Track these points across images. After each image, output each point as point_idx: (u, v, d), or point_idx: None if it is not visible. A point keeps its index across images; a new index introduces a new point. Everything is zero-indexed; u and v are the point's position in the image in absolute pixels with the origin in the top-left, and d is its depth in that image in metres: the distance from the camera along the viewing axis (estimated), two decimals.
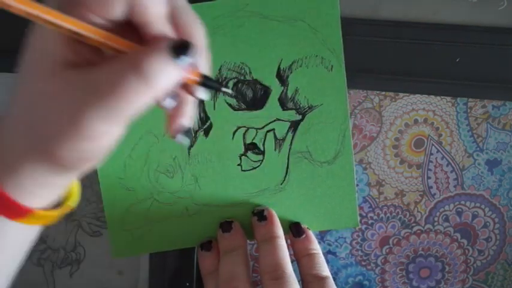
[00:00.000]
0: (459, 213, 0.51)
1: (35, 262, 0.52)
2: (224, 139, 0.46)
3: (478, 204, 0.50)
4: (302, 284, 0.45)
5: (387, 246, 0.51)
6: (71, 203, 0.35)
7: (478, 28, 0.46)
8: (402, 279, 0.52)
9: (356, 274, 0.52)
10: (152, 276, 0.51)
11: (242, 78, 0.45)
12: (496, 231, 0.51)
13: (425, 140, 0.49)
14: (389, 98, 0.49)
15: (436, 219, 0.51)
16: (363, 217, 0.50)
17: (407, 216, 0.51)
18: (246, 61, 0.45)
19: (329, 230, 0.51)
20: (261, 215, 0.46)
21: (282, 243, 0.45)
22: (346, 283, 0.52)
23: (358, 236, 0.51)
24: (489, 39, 0.46)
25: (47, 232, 0.52)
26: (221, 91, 0.36)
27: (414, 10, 0.47)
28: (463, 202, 0.50)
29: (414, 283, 0.52)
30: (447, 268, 0.52)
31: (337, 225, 0.48)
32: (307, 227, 0.48)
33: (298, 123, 0.46)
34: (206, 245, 0.47)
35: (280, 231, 0.46)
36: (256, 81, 0.46)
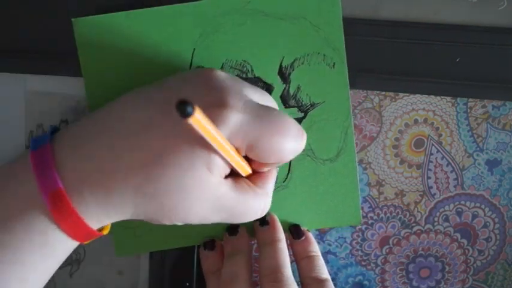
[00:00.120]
0: (459, 213, 0.51)
1: None
2: None
3: (478, 204, 0.51)
4: (301, 287, 0.45)
5: (387, 246, 0.51)
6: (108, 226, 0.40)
7: (478, 28, 0.46)
8: (402, 279, 0.52)
9: (356, 274, 0.52)
10: (152, 276, 0.51)
11: (244, 76, 0.45)
12: (496, 231, 0.51)
13: (425, 140, 0.50)
14: (389, 98, 0.49)
15: (436, 219, 0.51)
16: (363, 217, 0.50)
17: (407, 216, 0.51)
18: (248, 59, 0.45)
19: (329, 230, 0.51)
20: (263, 220, 0.46)
21: (283, 246, 0.45)
22: (346, 283, 0.52)
23: (358, 236, 0.51)
24: (489, 39, 0.46)
25: None
26: None
27: (414, 10, 0.47)
28: (463, 202, 0.50)
29: (414, 283, 0.52)
30: (447, 268, 0.52)
31: (339, 222, 0.48)
32: (307, 229, 0.48)
33: (300, 121, 0.46)
34: (209, 244, 0.47)
35: (281, 234, 0.46)
36: (258, 79, 0.46)
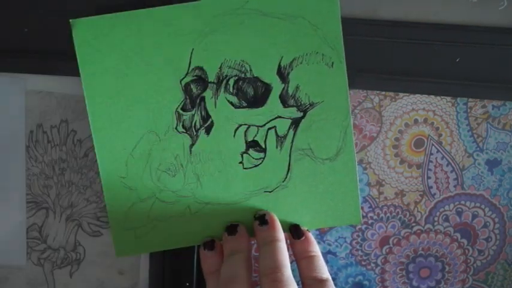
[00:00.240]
0: (459, 213, 0.51)
1: (35, 262, 0.52)
2: (225, 137, 0.46)
3: (478, 204, 0.51)
4: (302, 287, 0.45)
5: (387, 246, 0.51)
6: None
7: (478, 28, 0.46)
8: (402, 279, 0.52)
9: (356, 274, 0.52)
10: (152, 276, 0.51)
11: (243, 75, 0.45)
12: (496, 231, 0.51)
13: (425, 140, 0.50)
14: (389, 98, 0.49)
15: (436, 219, 0.51)
16: (363, 217, 0.50)
17: (407, 216, 0.51)
18: (247, 59, 0.45)
19: (329, 230, 0.51)
20: (263, 220, 0.46)
21: (282, 246, 0.45)
22: (346, 283, 0.52)
23: (358, 236, 0.51)
24: (489, 39, 0.46)
25: (47, 232, 0.51)
26: None
27: (414, 10, 0.47)
28: (463, 202, 0.51)
29: (414, 283, 0.52)
30: (447, 268, 0.52)
31: (339, 222, 0.48)
32: (306, 229, 0.48)
33: (299, 120, 0.46)
34: (209, 245, 0.47)
35: (281, 234, 0.46)
36: (257, 78, 0.46)
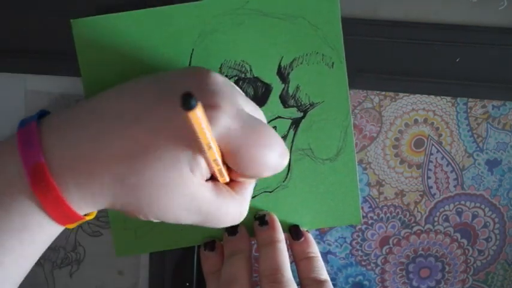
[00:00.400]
0: (459, 213, 0.51)
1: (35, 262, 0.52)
2: None
3: (478, 204, 0.50)
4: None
5: (387, 246, 0.51)
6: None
7: (478, 28, 0.46)
8: (402, 279, 0.52)
9: (356, 274, 0.52)
10: (152, 276, 0.51)
11: (243, 76, 0.45)
12: (496, 231, 0.51)
13: (425, 140, 0.49)
14: (389, 98, 0.49)
15: (436, 219, 0.51)
16: (363, 217, 0.50)
17: (407, 216, 0.51)
18: (247, 59, 0.45)
19: (329, 230, 0.51)
20: (263, 220, 0.46)
21: (282, 246, 0.45)
22: (346, 283, 0.52)
23: (358, 236, 0.51)
24: (489, 39, 0.46)
25: None
26: None
27: (414, 10, 0.47)
28: (463, 202, 0.50)
29: (414, 283, 0.52)
30: (447, 268, 0.52)
31: (339, 222, 0.48)
32: (306, 229, 0.48)
33: (299, 120, 0.46)
34: (209, 245, 0.47)
35: (281, 235, 0.46)
36: (257, 79, 0.46)
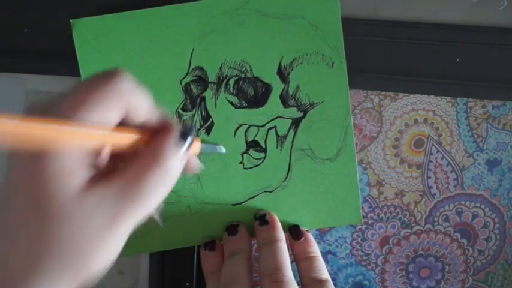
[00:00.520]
0: (459, 213, 0.51)
1: None
2: (226, 137, 0.46)
3: (478, 204, 0.51)
4: (301, 287, 0.45)
5: (387, 246, 0.51)
6: None
7: (478, 28, 0.46)
8: (402, 279, 0.52)
9: (356, 274, 0.52)
10: (152, 276, 0.51)
11: (243, 76, 0.45)
12: (496, 231, 0.51)
13: (425, 140, 0.50)
14: (389, 98, 0.49)
15: (436, 219, 0.51)
16: (363, 217, 0.50)
17: (407, 216, 0.51)
18: (247, 59, 0.45)
19: (329, 230, 0.51)
20: (263, 220, 0.46)
21: (283, 246, 0.45)
22: (346, 283, 0.52)
23: (358, 236, 0.51)
24: (489, 39, 0.47)
25: None
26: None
27: (414, 10, 0.47)
28: (463, 202, 0.50)
29: (414, 283, 0.52)
30: (447, 268, 0.52)
31: (340, 222, 0.48)
32: (307, 229, 0.48)
33: (299, 120, 0.46)
34: (210, 245, 0.47)
35: (281, 234, 0.46)
36: (257, 78, 0.46)
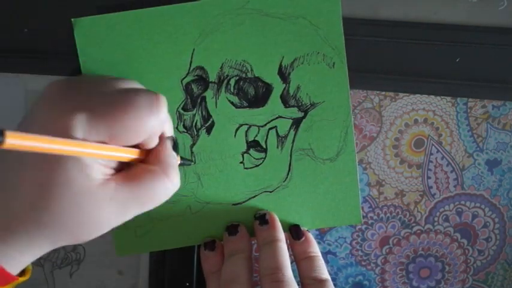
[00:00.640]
0: (459, 213, 0.51)
1: (35, 262, 0.52)
2: (226, 137, 0.46)
3: (478, 204, 0.51)
4: (301, 287, 0.45)
5: (387, 246, 0.51)
6: (30, 269, 0.39)
7: (478, 28, 0.47)
8: (402, 279, 0.52)
9: (356, 274, 0.52)
10: (152, 276, 0.51)
11: (244, 75, 0.45)
12: (496, 231, 0.51)
13: (425, 140, 0.50)
14: (389, 98, 0.49)
15: (436, 219, 0.51)
16: (363, 217, 0.50)
17: (407, 216, 0.51)
18: (248, 59, 0.45)
19: (329, 230, 0.51)
20: (263, 219, 0.46)
21: (283, 246, 0.45)
22: (346, 283, 0.52)
23: (358, 236, 0.51)
24: (489, 39, 0.47)
25: None
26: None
27: (414, 10, 0.47)
28: (463, 202, 0.50)
29: (414, 283, 0.52)
30: (447, 268, 0.52)
31: (340, 222, 0.48)
32: (306, 229, 0.48)
33: (300, 120, 0.46)
34: (210, 245, 0.47)
35: (281, 234, 0.46)
36: (258, 78, 0.46)
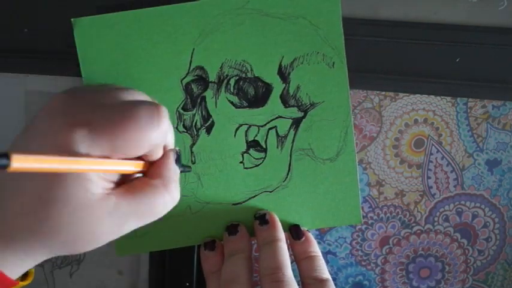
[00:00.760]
0: (459, 213, 0.51)
1: None
2: (226, 137, 0.46)
3: (478, 204, 0.51)
4: (302, 287, 0.45)
5: (387, 246, 0.51)
6: (32, 273, 0.38)
7: (478, 28, 0.47)
8: (402, 279, 0.52)
9: (356, 274, 0.52)
10: (152, 276, 0.51)
11: (244, 75, 0.45)
12: (496, 231, 0.51)
13: (425, 140, 0.50)
14: (389, 98, 0.49)
15: (436, 219, 0.51)
16: (363, 217, 0.50)
17: (407, 216, 0.51)
18: (248, 59, 0.45)
19: (329, 230, 0.51)
20: (263, 219, 0.46)
21: (283, 246, 0.45)
22: (346, 283, 0.52)
23: (358, 236, 0.51)
24: (489, 39, 0.47)
25: None
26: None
27: (414, 10, 0.47)
28: (463, 202, 0.51)
29: (414, 283, 0.52)
30: (447, 268, 0.52)
31: (340, 222, 0.48)
32: (307, 229, 0.48)
33: (300, 120, 0.46)
34: (210, 245, 0.47)
35: (281, 234, 0.46)
36: (257, 78, 0.46)
